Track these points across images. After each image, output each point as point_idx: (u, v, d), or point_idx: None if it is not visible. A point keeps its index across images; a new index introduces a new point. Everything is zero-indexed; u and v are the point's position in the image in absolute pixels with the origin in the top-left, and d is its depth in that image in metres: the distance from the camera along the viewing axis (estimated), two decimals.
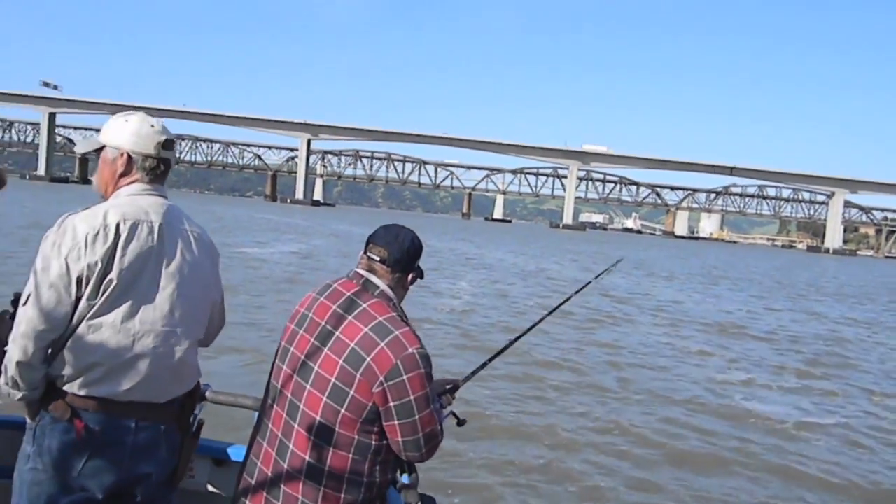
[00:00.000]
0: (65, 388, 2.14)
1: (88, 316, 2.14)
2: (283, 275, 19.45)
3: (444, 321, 13.54)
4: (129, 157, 2.30)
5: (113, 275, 2.15)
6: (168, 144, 2.36)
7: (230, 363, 8.44)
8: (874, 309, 26.95)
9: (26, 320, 2.09)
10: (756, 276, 41.83)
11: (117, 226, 2.18)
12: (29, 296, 2.11)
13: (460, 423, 2.51)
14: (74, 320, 2.13)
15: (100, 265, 2.13)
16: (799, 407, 9.36)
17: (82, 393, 2.14)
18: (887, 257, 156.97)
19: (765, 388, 10.36)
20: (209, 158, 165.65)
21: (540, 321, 2.97)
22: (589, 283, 3.40)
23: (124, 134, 2.31)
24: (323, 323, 2.16)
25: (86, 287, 2.13)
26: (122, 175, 2.31)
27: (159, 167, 2.34)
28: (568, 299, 3.15)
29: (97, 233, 2.15)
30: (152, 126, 2.33)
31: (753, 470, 6.62)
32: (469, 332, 12.78)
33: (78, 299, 2.13)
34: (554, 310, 3.10)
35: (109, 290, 2.14)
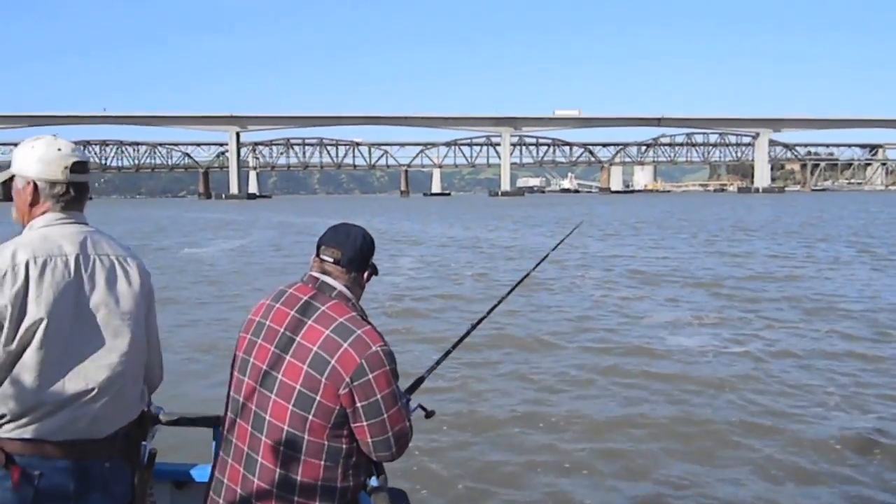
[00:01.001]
0: (4, 431, 2.05)
1: (9, 363, 2.04)
2: (222, 272, 19.38)
3: (389, 302, 13.66)
4: (36, 185, 2.17)
5: (29, 317, 2.03)
6: (78, 167, 2.20)
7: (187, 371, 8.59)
8: (793, 244, 28.19)
9: None
10: (677, 223, 43.19)
11: (27, 265, 2.05)
12: None
13: (428, 414, 2.46)
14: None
15: (10, 309, 2.02)
16: (717, 338, 9.99)
17: (13, 436, 2.04)
18: (813, 190, 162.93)
19: (687, 327, 11.00)
20: (137, 162, 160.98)
21: (499, 303, 2.92)
22: (547, 255, 3.34)
23: (30, 161, 2.18)
24: (282, 330, 2.11)
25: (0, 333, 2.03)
26: (32, 205, 2.19)
27: (69, 193, 2.19)
28: (527, 276, 3.09)
29: (4, 274, 2.03)
30: (59, 150, 2.18)
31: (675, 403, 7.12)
32: (416, 310, 12.91)
33: None
34: (514, 287, 3.01)
35: (28, 333, 2.03)
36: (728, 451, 6.08)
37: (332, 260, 2.18)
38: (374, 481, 2.20)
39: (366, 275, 2.26)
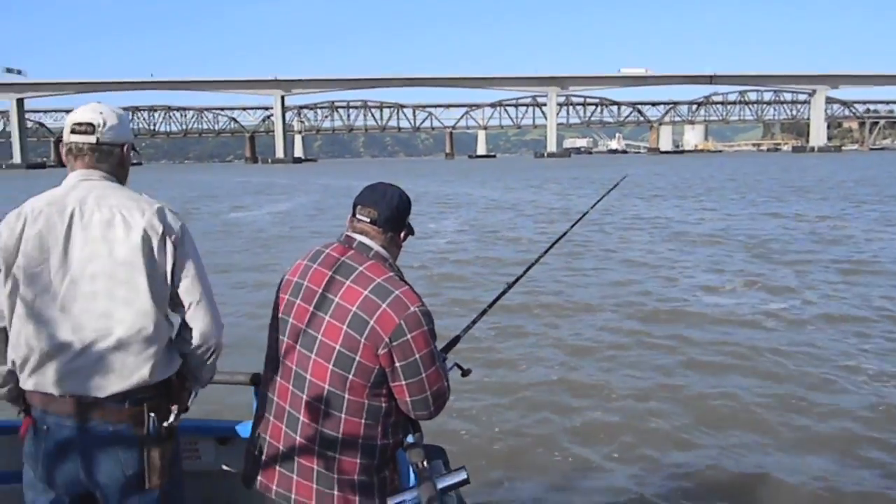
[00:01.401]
0: (20, 381, 2.15)
1: (8, 305, 2.12)
2: (269, 236, 19.70)
3: (428, 264, 13.78)
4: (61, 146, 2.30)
5: (18, 261, 2.10)
6: (77, 128, 2.21)
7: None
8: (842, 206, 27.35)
9: None
10: (726, 184, 42.19)
11: (26, 216, 2.13)
12: None
13: (465, 373, 2.49)
14: (6, 310, 2.14)
15: (7, 252, 2.12)
16: (758, 301, 9.84)
17: (27, 387, 2.13)
18: (872, 149, 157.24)
19: (728, 291, 10.84)
20: (184, 127, 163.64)
21: (535, 262, 2.90)
22: (585, 213, 3.27)
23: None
24: (320, 290, 2.12)
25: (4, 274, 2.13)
26: (64, 165, 2.29)
27: (71, 152, 2.23)
28: (564, 235, 3.05)
29: (10, 220, 2.15)
30: (73, 113, 2.26)
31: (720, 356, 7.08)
32: (456, 273, 12.96)
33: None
34: (550, 247, 2.99)
35: (16, 278, 2.10)
36: (761, 420, 5.98)
37: (368, 220, 2.17)
38: (410, 438, 2.22)
39: (402, 235, 2.26)
